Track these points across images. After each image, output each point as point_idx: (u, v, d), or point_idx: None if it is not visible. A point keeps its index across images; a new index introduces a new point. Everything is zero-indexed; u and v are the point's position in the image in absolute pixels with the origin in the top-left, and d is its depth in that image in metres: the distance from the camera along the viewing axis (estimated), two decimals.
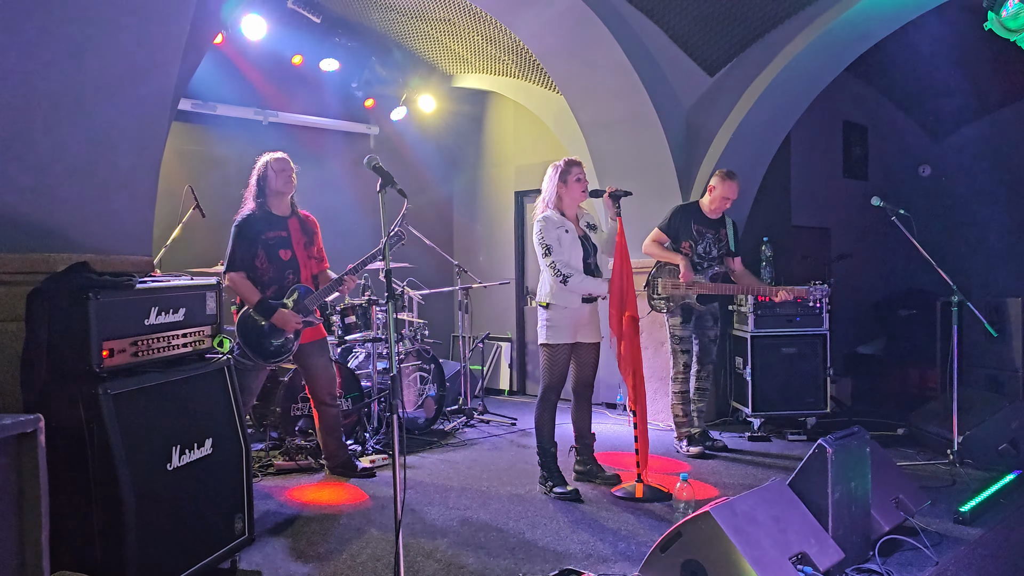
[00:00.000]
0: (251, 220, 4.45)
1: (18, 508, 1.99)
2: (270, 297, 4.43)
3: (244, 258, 4.39)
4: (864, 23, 5.67)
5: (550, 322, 4.53)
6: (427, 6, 6.74)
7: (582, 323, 4.58)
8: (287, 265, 4.50)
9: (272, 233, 4.46)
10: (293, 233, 4.56)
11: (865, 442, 3.52)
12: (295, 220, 4.61)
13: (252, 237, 4.41)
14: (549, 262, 4.48)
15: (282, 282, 4.48)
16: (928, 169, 8.93)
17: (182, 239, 5.58)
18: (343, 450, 4.87)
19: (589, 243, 4.64)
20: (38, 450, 2.08)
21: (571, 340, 4.56)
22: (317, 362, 4.69)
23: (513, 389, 8.25)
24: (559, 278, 4.45)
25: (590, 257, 4.61)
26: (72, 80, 2.91)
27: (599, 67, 6.10)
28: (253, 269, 4.41)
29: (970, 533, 3.74)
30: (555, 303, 4.52)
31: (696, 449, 5.38)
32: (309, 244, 4.65)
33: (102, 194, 3.15)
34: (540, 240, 4.51)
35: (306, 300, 4.49)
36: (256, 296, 4.38)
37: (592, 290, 4.53)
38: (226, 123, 6.89)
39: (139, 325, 2.95)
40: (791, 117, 6.69)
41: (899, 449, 5.39)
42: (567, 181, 4.57)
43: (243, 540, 3.32)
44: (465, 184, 8.93)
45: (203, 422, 3.15)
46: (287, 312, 4.41)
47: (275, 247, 4.46)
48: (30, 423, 2.08)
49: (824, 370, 5.95)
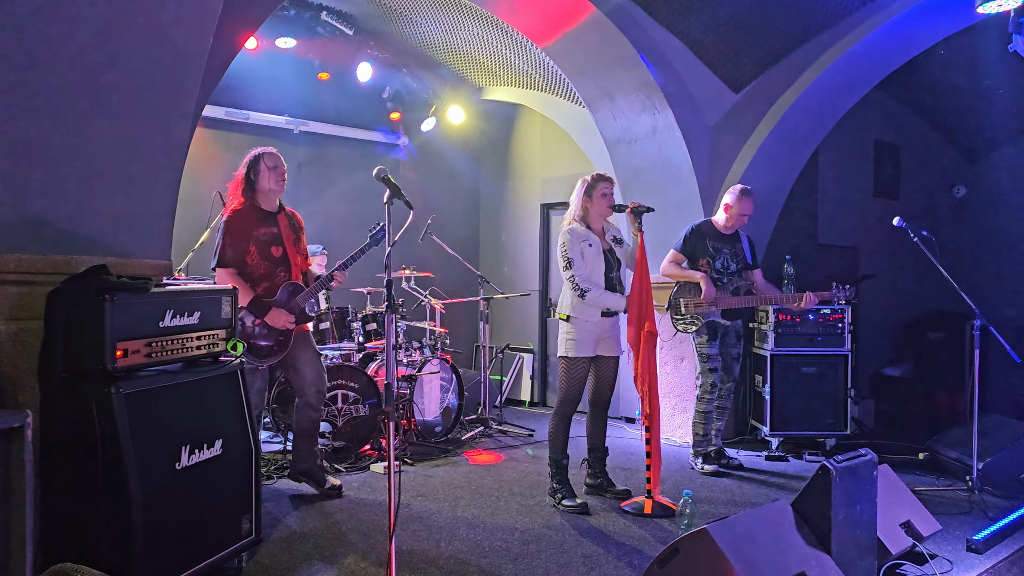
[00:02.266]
0: (241, 215, 4.32)
1: (4, 500, 2.06)
2: (261, 294, 4.31)
3: (235, 254, 4.27)
4: (888, 44, 5.64)
5: (570, 335, 4.56)
6: (458, 21, 6.83)
7: (603, 337, 4.60)
8: (278, 262, 4.38)
9: (264, 229, 4.34)
10: (283, 230, 4.43)
11: (873, 465, 3.48)
12: (284, 216, 4.48)
13: (243, 233, 4.29)
14: (569, 275, 4.52)
15: (273, 279, 4.36)
16: (963, 190, 8.78)
17: (209, 244, 5.70)
18: (312, 457, 4.62)
19: (613, 257, 4.66)
20: (25, 445, 2.15)
21: (591, 353, 4.58)
22: (302, 356, 4.48)
23: (534, 400, 8.27)
24: (577, 292, 4.49)
25: (613, 271, 4.63)
26: (94, 86, 3.02)
27: (624, 83, 6.13)
28: (244, 265, 4.29)
29: (982, 562, 3.68)
30: (576, 316, 4.55)
31: (711, 467, 5.35)
32: (297, 241, 4.52)
33: (123, 199, 3.25)
34: (563, 252, 4.56)
35: (297, 298, 4.40)
36: (249, 294, 4.26)
37: (610, 305, 4.55)
38: (258, 131, 7.04)
39: (154, 327, 3.03)
40: (817, 135, 6.65)
41: (918, 474, 5.31)
42: (592, 195, 4.62)
43: (250, 540, 3.39)
44: (491, 195, 9.00)
45: (214, 423, 3.22)
46: (280, 310, 4.31)
47: (267, 244, 4.34)
48: (17, 418, 2.16)
49: (845, 391, 5.88)
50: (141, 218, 3.37)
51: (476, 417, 6.87)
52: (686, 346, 6.60)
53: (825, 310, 5.87)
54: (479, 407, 6.92)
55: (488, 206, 9.05)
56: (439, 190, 8.48)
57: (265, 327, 4.31)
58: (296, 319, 4.39)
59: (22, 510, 2.05)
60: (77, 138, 3.03)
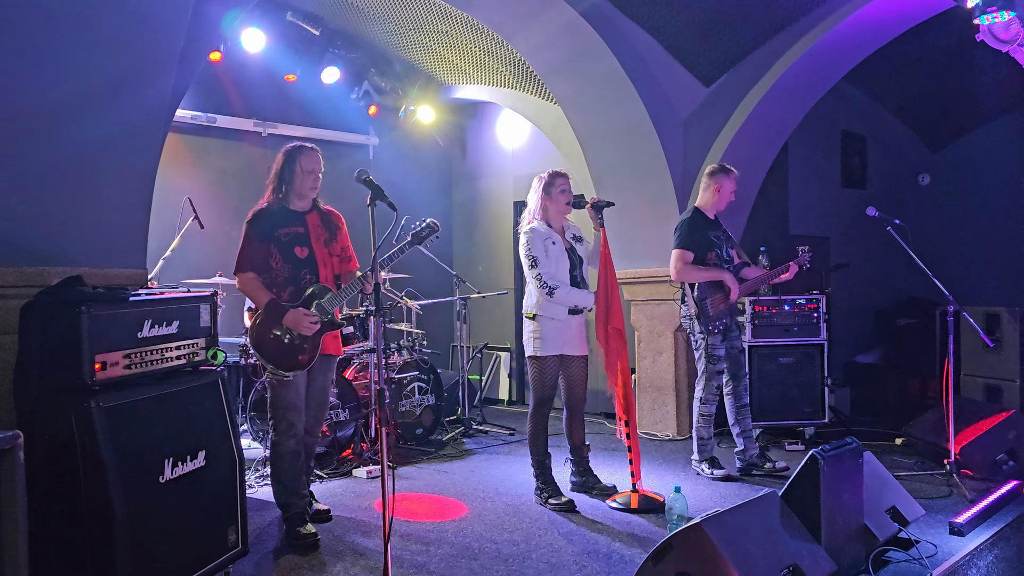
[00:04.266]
0: (264, 215, 3.96)
1: None
2: (286, 300, 3.91)
3: (255, 258, 3.89)
4: (857, 35, 5.70)
5: (536, 333, 4.53)
6: (425, 19, 6.78)
7: (569, 335, 4.58)
8: (303, 264, 3.95)
9: (287, 229, 3.94)
10: (312, 229, 4.02)
11: (859, 453, 3.53)
12: (315, 215, 4.08)
13: (265, 234, 3.91)
14: (535, 274, 4.48)
15: (299, 283, 3.93)
16: (927, 178, 8.93)
17: (180, 251, 5.61)
18: (307, 478, 4.24)
19: (576, 255, 4.64)
20: (16, 467, 2.09)
21: (558, 352, 4.55)
22: (316, 379, 4.08)
23: (512, 399, 8.25)
24: (545, 290, 4.45)
25: (576, 269, 4.61)
26: (62, 91, 2.94)
27: (595, 79, 6.13)
28: (268, 270, 3.90)
29: (965, 545, 3.73)
30: (542, 315, 4.52)
31: (721, 472, 5.04)
32: (330, 240, 4.09)
33: (95, 207, 3.17)
34: (527, 252, 4.52)
35: (324, 300, 3.94)
36: (266, 297, 3.87)
37: (578, 302, 4.54)
38: (226, 135, 6.94)
39: (132, 338, 2.96)
40: (788, 127, 6.71)
41: (897, 459, 5.39)
42: (551, 193, 4.59)
43: (237, 552, 3.32)
44: (464, 194, 8.96)
45: (196, 434, 3.15)
46: (298, 311, 3.85)
47: (290, 244, 3.93)
48: (8, 440, 2.09)
49: (822, 380, 5.95)
50: (115, 227, 3.30)
51: (456, 418, 6.84)
52: (664, 340, 6.64)
53: (800, 300, 5.93)
54: (459, 407, 6.89)
55: (461, 205, 9.01)
56: (411, 190, 8.40)
57: (288, 334, 3.88)
58: (322, 325, 3.94)
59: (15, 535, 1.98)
60: (43, 145, 2.95)
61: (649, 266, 6.62)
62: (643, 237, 6.62)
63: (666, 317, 6.61)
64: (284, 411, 3.92)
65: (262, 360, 3.90)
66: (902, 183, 8.90)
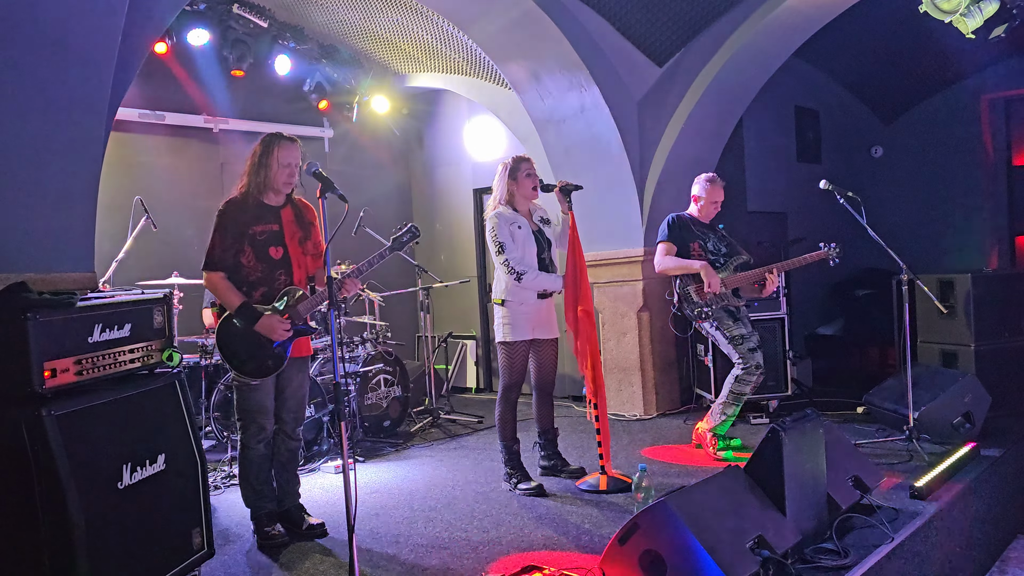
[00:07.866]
0: (236, 208, 3.76)
1: None
2: (257, 300, 3.74)
3: (226, 256, 3.71)
4: (807, 8, 5.74)
5: (506, 319, 4.54)
6: (375, 7, 6.69)
7: (539, 319, 4.59)
8: (278, 265, 3.79)
9: (261, 227, 3.76)
10: (286, 226, 3.85)
11: (819, 423, 3.58)
12: (289, 210, 3.89)
13: (237, 230, 3.72)
14: (503, 260, 4.48)
15: (272, 284, 3.77)
16: (880, 150, 9.06)
17: (134, 252, 5.50)
18: (296, 494, 4.08)
19: (543, 238, 4.64)
20: None
21: (528, 336, 4.56)
22: (292, 380, 3.93)
23: (480, 386, 8.25)
24: (513, 275, 4.45)
25: (544, 252, 4.61)
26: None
27: (549, 63, 6.11)
28: (238, 267, 3.73)
29: (925, 508, 3.81)
30: (511, 300, 4.52)
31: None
32: (304, 239, 3.90)
33: (38, 210, 3.08)
34: (493, 237, 4.51)
35: (299, 306, 3.78)
36: (238, 299, 3.68)
37: (547, 286, 4.54)
38: (175, 132, 6.80)
39: (82, 343, 2.89)
40: (742, 104, 6.76)
41: (858, 427, 5.49)
42: (517, 178, 4.58)
43: (203, 554, 3.27)
44: (422, 184, 8.90)
45: (154, 438, 3.09)
46: (273, 317, 3.69)
47: (265, 244, 3.75)
48: None
49: (784, 353, 6.02)
50: (59, 229, 3.21)
51: (424, 408, 6.82)
52: (628, 321, 6.68)
53: None
54: (426, 398, 6.87)
55: (420, 195, 8.95)
56: (369, 182, 8.34)
57: (256, 339, 3.70)
58: (294, 331, 3.78)
59: None
60: None
61: (610, 248, 6.64)
62: (603, 219, 6.63)
63: (628, 298, 6.64)
64: (254, 414, 3.80)
65: (226, 361, 3.75)
66: (856, 156, 9.02)
